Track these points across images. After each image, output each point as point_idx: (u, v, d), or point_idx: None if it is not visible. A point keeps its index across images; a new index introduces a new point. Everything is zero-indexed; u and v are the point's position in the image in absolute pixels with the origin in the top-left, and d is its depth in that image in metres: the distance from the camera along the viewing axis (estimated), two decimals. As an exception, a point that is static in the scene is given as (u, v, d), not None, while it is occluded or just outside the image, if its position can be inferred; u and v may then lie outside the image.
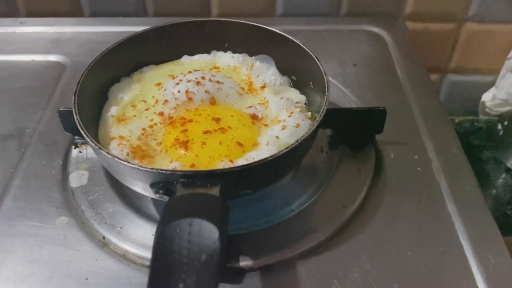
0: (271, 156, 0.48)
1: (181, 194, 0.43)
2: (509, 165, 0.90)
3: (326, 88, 0.57)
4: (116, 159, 0.48)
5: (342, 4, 0.95)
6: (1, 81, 0.81)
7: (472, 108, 1.05)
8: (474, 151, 0.96)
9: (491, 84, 1.00)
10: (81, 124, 0.52)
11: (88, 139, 0.51)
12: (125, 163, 0.48)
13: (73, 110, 0.54)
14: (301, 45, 0.63)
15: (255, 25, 0.67)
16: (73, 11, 0.98)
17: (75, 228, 0.58)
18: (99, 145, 0.50)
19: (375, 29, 0.91)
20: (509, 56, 0.91)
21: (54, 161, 0.66)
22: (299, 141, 0.50)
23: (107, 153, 0.49)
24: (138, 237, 0.56)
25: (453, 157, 0.66)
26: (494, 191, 0.92)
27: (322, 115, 0.54)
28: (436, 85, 1.08)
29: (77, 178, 0.63)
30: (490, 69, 1.03)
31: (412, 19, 0.97)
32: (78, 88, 0.57)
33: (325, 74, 0.59)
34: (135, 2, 0.96)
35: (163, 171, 0.47)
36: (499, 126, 0.99)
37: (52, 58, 0.85)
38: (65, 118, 0.63)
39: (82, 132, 0.51)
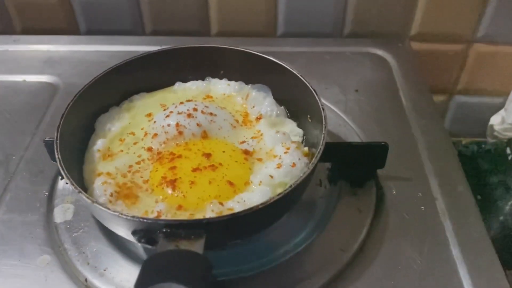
0: (261, 204, 0.45)
1: (161, 251, 0.40)
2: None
3: (324, 126, 0.53)
4: (96, 204, 0.45)
5: (346, 24, 0.92)
6: (-10, 103, 0.78)
7: (480, 129, 1.01)
8: (481, 175, 0.93)
9: (500, 106, 0.97)
10: (62, 164, 0.49)
11: (69, 181, 0.48)
12: (106, 209, 0.45)
13: (55, 147, 0.51)
14: (299, 76, 0.60)
15: (252, 53, 0.64)
16: (69, 28, 0.95)
17: (56, 268, 0.55)
18: (79, 189, 0.47)
19: (379, 52, 0.87)
20: (518, 78, 0.87)
21: (39, 192, 0.63)
22: (293, 186, 0.47)
23: (87, 197, 0.46)
24: (122, 280, 0.53)
25: (459, 195, 0.62)
26: (502, 217, 0.88)
27: (319, 156, 0.50)
28: (443, 106, 1.04)
29: (62, 212, 0.60)
30: (499, 90, 1.00)
31: (419, 40, 0.93)
32: (61, 122, 0.54)
33: (323, 109, 0.55)
34: (132, 19, 0.94)
35: (145, 220, 0.44)
36: (508, 150, 0.95)
37: (44, 78, 0.82)
38: (51, 148, 0.59)
39: (63, 173, 0.48)
